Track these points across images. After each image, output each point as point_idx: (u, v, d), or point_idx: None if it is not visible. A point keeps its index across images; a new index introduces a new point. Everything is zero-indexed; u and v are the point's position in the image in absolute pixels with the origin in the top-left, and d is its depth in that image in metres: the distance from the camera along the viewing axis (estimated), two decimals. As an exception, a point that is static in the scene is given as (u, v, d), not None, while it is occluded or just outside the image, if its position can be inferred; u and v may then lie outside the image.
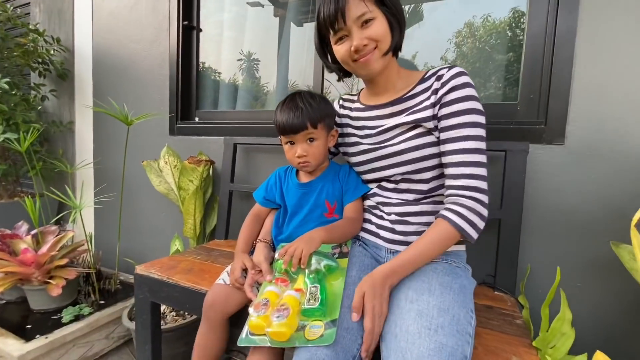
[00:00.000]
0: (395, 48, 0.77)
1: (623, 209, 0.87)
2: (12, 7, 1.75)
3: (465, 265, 0.78)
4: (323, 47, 0.83)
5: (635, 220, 0.61)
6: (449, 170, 0.71)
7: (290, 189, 0.90)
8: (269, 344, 0.62)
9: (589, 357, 0.61)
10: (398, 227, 0.80)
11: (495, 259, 0.94)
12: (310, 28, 1.50)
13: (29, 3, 2.13)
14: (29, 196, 1.86)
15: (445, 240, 0.68)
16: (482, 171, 0.69)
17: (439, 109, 0.72)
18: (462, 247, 0.82)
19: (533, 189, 0.96)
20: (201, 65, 1.64)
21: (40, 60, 1.81)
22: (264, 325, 0.62)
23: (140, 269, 1.01)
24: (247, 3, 1.62)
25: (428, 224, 0.74)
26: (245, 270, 0.81)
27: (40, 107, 1.89)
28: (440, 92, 0.72)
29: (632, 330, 0.89)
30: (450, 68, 0.73)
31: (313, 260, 0.72)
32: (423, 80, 0.78)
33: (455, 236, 0.68)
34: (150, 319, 1.01)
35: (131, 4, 1.68)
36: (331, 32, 0.75)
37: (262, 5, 1.62)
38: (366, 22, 0.71)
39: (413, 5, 1.26)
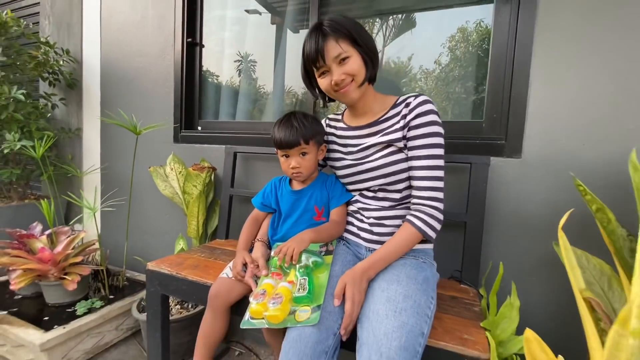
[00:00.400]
0: (371, 78, 0.92)
1: (568, 212, 1.02)
2: (24, 22, 1.85)
3: (431, 262, 0.93)
4: (309, 78, 0.97)
5: (561, 223, 0.75)
6: (415, 183, 0.87)
7: (284, 196, 1.04)
8: (266, 326, 0.76)
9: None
10: (376, 229, 0.94)
11: (462, 256, 1.09)
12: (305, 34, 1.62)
13: (38, 13, 2.25)
14: (42, 199, 1.98)
15: (411, 240, 0.84)
16: (440, 184, 0.85)
17: (407, 131, 0.87)
18: (430, 246, 0.96)
19: (494, 197, 1.11)
20: (204, 73, 1.77)
21: (50, 70, 1.93)
22: (262, 311, 0.76)
23: (151, 265, 1.14)
24: (245, 11, 1.76)
25: (399, 226, 0.89)
26: (245, 265, 0.94)
27: (49, 115, 2.00)
28: (408, 118, 0.87)
29: (571, 317, 1.04)
30: (416, 97, 0.88)
31: (303, 257, 0.87)
32: (395, 105, 0.92)
33: (418, 237, 0.84)
34: (161, 310, 1.14)
35: (138, 21, 1.81)
36: (314, 68, 0.90)
37: (260, 13, 1.76)
38: (343, 60, 0.86)
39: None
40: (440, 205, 0.84)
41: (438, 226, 0.84)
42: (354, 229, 0.98)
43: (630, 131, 0.96)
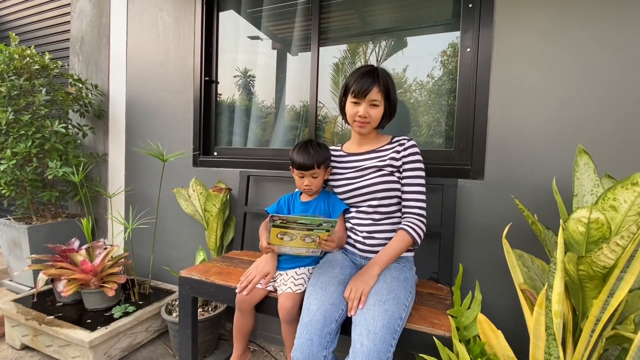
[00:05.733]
0: (380, 125, 1.24)
1: (523, 224, 1.28)
2: (60, 63, 2.13)
3: (411, 266, 1.18)
4: (344, 96, 1.24)
5: (505, 232, 1.01)
6: (406, 203, 1.17)
7: (296, 206, 1.31)
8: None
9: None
10: (368, 241, 1.20)
11: (438, 261, 1.34)
12: (304, 56, 1.86)
13: (67, 49, 2.53)
14: (73, 217, 2.22)
15: (404, 244, 1.12)
16: (424, 202, 1.17)
17: (402, 165, 1.18)
18: (411, 254, 1.22)
19: (463, 211, 1.37)
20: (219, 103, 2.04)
21: (82, 103, 2.20)
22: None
23: (183, 273, 1.38)
24: (248, 37, 2.03)
25: (388, 238, 1.17)
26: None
27: (79, 142, 2.26)
28: (402, 154, 1.18)
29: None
30: (408, 140, 1.20)
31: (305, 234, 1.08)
32: (390, 142, 1.24)
33: (410, 241, 1.12)
34: (191, 310, 1.38)
35: (161, 61, 2.09)
36: (351, 96, 1.18)
37: (262, 39, 2.03)
38: (373, 105, 1.16)
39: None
40: (424, 219, 1.16)
41: (423, 234, 1.14)
42: (351, 241, 1.24)
43: (564, 160, 1.23)
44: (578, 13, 1.21)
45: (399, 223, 1.19)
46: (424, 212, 1.16)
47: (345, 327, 1.01)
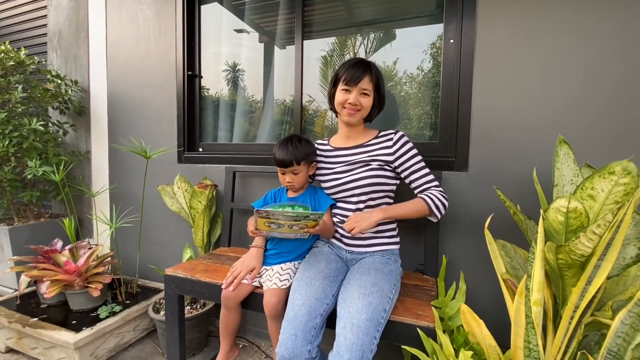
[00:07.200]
0: (370, 117, 1.23)
1: (506, 214, 1.29)
2: (37, 59, 2.06)
3: (396, 258, 1.19)
4: (334, 87, 1.23)
5: (487, 223, 1.02)
6: (421, 184, 1.18)
7: (282, 202, 1.29)
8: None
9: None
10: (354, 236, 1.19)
11: (424, 252, 1.35)
12: (291, 50, 1.81)
13: (45, 44, 2.45)
14: (56, 217, 2.18)
15: (417, 208, 1.14)
16: (435, 178, 1.18)
17: (399, 159, 1.18)
18: (396, 247, 1.22)
19: (448, 203, 1.37)
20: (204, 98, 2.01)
21: (61, 99, 2.13)
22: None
23: (169, 271, 1.36)
24: (234, 30, 1.99)
25: (375, 231, 1.18)
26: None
27: (60, 140, 2.20)
28: (394, 149, 1.18)
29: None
30: (395, 133, 1.20)
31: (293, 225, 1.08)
32: (377, 137, 1.23)
33: (424, 209, 1.13)
34: (178, 309, 1.36)
35: (142, 55, 2.04)
36: (342, 83, 1.16)
37: (248, 32, 1.99)
38: (364, 94, 1.15)
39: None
40: (445, 195, 1.17)
41: (442, 207, 1.14)
42: (338, 235, 1.24)
43: (546, 150, 1.24)
44: (560, 3, 1.21)
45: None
46: (439, 185, 1.18)
47: (331, 320, 1.01)
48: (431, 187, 1.17)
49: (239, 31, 1.98)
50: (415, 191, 1.20)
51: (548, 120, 1.24)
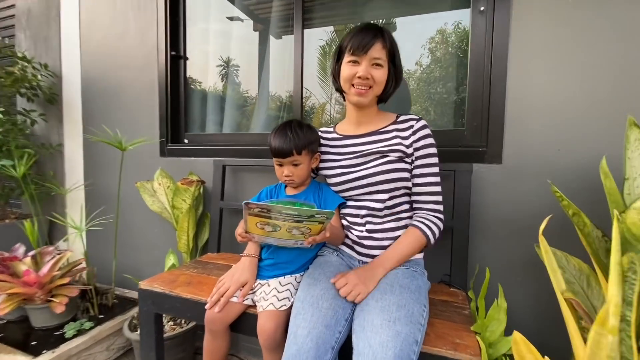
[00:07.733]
0: (385, 96, 1.00)
1: (542, 214, 1.08)
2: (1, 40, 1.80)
3: (422, 270, 0.96)
4: (337, 62, 1.00)
5: (542, 228, 0.80)
6: (420, 197, 0.96)
7: (280, 198, 1.07)
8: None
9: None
10: (366, 242, 0.97)
11: (450, 260, 1.13)
12: (288, 40, 1.62)
13: (13, 26, 2.18)
14: (24, 218, 1.92)
15: (418, 243, 0.91)
16: (441, 196, 0.96)
17: (414, 151, 0.95)
18: (420, 256, 1.00)
19: (478, 202, 1.16)
20: (190, 85, 1.77)
21: (28, 85, 1.88)
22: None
23: (143, 284, 1.13)
24: (227, 18, 1.76)
25: (392, 238, 0.95)
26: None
27: (28, 131, 1.94)
28: (412, 139, 0.95)
29: (555, 315, 1.09)
30: (418, 120, 0.97)
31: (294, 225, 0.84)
32: (396, 122, 1.00)
33: (424, 241, 0.91)
34: (154, 328, 1.13)
35: (120, 33, 1.79)
36: (348, 54, 0.93)
37: (242, 20, 1.77)
38: (377, 65, 0.92)
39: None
40: (442, 216, 0.94)
41: (438, 233, 0.93)
42: (348, 242, 1.01)
43: (600, 136, 1.03)
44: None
45: (406, 220, 0.97)
46: (440, 208, 0.96)
47: (344, 351, 0.79)
48: (428, 207, 0.96)
49: (233, 19, 1.75)
50: (413, 205, 0.99)
51: (604, 99, 1.03)
